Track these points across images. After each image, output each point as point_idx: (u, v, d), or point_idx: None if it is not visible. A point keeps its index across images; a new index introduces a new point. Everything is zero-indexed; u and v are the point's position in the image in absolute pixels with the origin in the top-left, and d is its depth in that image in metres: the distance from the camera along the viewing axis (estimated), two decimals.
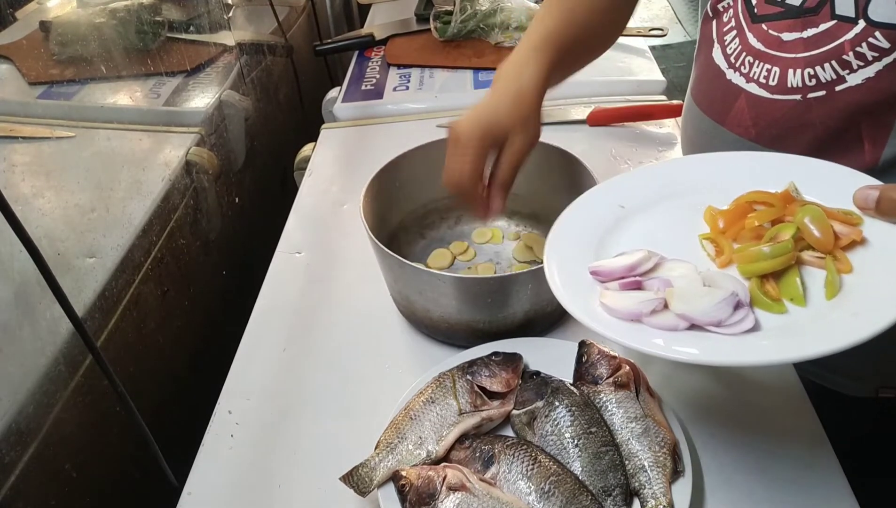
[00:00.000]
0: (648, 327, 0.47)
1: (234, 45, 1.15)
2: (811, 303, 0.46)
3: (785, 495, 0.55)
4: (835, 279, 0.46)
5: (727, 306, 0.46)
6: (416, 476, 0.53)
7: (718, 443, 0.59)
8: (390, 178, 0.76)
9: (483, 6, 1.25)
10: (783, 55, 0.61)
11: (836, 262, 0.47)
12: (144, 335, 0.80)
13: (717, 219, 0.53)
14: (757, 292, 0.47)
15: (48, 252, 0.53)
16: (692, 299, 0.47)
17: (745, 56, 0.64)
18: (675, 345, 0.45)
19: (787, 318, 0.46)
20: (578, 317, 0.48)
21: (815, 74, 0.59)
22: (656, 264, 0.52)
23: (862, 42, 0.56)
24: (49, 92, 0.76)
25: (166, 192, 0.88)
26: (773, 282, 0.48)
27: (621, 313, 0.48)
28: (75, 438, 0.66)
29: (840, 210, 0.49)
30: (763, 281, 0.48)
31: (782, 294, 0.47)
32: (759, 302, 0.47)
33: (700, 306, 0.46)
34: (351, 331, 0.75)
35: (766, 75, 0.62)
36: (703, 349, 0.45)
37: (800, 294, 0.46)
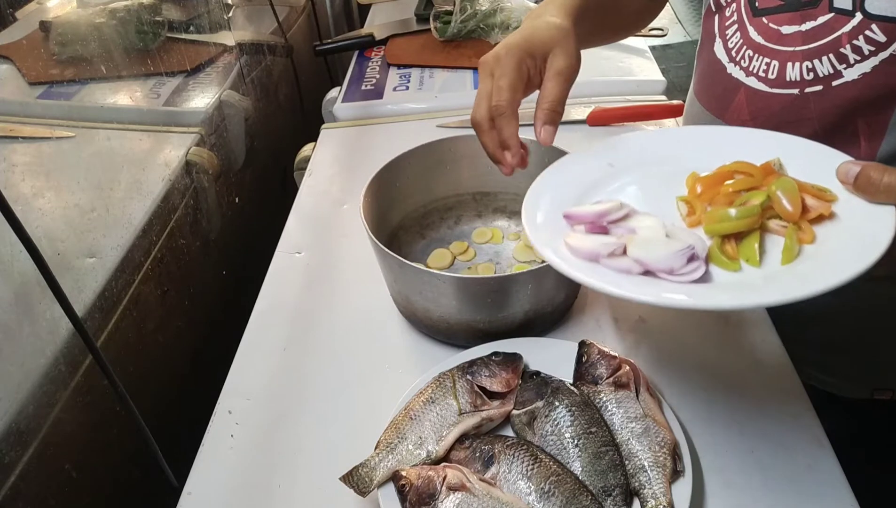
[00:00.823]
0: (604, 268, 0.49)
1: (234, 45, 1.15)
2: (766, 265, 0.48)
3: (785, 495, 0.55)
4: (792, 246, 0.48)
5: (682, 257, 0.48)
6: (416, 476, 0.53)
7: (718, 443, 0.59)
8: (390, 178, 0.76)
9: (483, 6, 1.25)
10: (782, 49, 0.61)
11: (799, 232, 0.49)
12: (144, 335, 0.80)
13: (697, 183, 0.55)
14: (715, 250, 0.49)
15: (48, 252, 0.53)
16: (650, 247, 0.49)
17: (745, 50, 0.64)
18: (619, 283, 0.47)
19: (739, 276, 0.48)
20: (539, 249, 0.51)
21: (812, 67, 0.59)
22: (626, 214, 0.53)
23: (859, 35, 0.56)
24: (49, 92, 0.76)
25: (166, 192, 0.88)
26: (735, 243, 0.50)
27: (581, 253, 0.50)
28: (75, 438, 0.66)
29: (815, 186, 0.50)
30: (724, 241, 0.50)
31: (740, 254, 0.49)
32: (716, 259, 0.49)
33: (656, 253, 0.48)
34: (351, 331, 0.75)
35: (766, 69, 0.63)
36: (644, 290, 0.47)
37: (755, 256, 0.48)
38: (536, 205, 0.57)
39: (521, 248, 0.80)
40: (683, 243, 0.49)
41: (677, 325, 0.71)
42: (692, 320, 0.71)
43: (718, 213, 0.51)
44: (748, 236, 0.50)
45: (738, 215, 0.50)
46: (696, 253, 0.48)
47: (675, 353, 0.68)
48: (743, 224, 0.50)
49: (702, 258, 0.49)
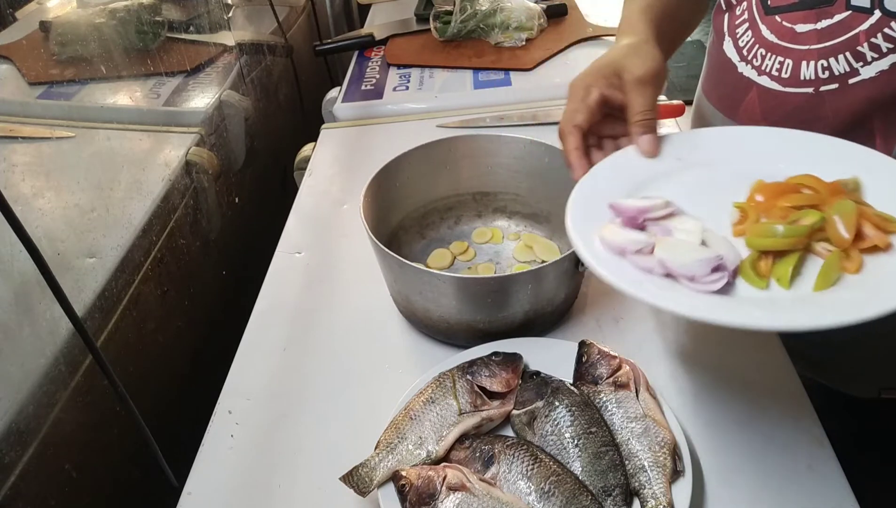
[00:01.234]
0: (628, 263, 0.49)
1: (234, 45, 1.14)
2: (796, 288, 0.46)
3: (785, 495, 0.55)
4: (830, 273, 0.45)
5: (706, 266, 0.46)
6: (416, 476, 0.53)
7: (718, 443, 0.59)
8: (390, 178, 0.76)
9: (483, 6, 1.25)
10: (796, 47, 0.60)
11: (845, 260, 0.46)
12: (144, 335, 0.80)
13: (759, 192, 0.53)
14: (746, 264, 0.47)
15: (48, 252, 0.53)
16: (678, 251, 0.48)
17: (757, 48, 0.64)
18: (634, 281, 0.47)
19: (764, 294, 0.46)
20: (568, 229, 0.51)
21: (828, 66, 0.59)
22: (670, 213, 0.52)
23: (877, 33, 0.55)
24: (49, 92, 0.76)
25: (166, 192, 0.88)
26: (771, 261, 0.48)
27: (609, 245, 0.50)
28: (75, 438, 0.66)
29: (882, 215, 0.48)
30: (762, 256, 0.48)
31: (773, 273, 0.47)
32: (745, 273, 0.47)
33: (682, 258, 0.47)
34: (351, 331, 0.75)
35: (779, 68, 0.62)
36: (657, 293, 0.46)
37: (787, 276, 0.46)
38: (590, 187, 0.56)
39: (521, 248, 0.80)
40: (712, 253, 0.47)
41: (677, 325, 0.71)
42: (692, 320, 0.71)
43: (764, 227, 0.49)
44: (788, 255, 0.47)
45: (783, 233, 0.48)
46: (724, 264, 0.47)
47: (675, 353, 0.68)
48: (785, 243, 0.47)
49: (729, 270, 0.47)
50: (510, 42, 1.24)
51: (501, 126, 1.05)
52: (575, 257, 0.65)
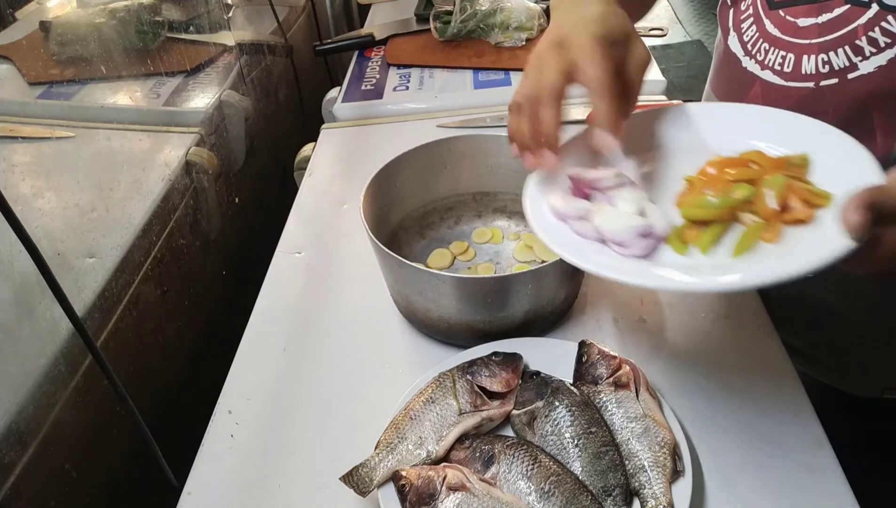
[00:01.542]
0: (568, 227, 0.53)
1: (234, 45, 1.15)
2: (715, 255, 0.49)
3: (785, 495, 0.55)
4: (746, 241, 0.48)
5: (634, 232, 0.50)
6: (416, 476, 0.53)
7: (718, 443, 0.59)
8: (390, 178, 0.76)
9: (483, 6, 1.25)
10: (798, 41, 0.61)
11: (767, 230, 0.49)
12: (144, 335, 0.80)
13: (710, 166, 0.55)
14: (674, 233, 0.51)
15: (48, 252, 0.53)
16: (612, 219, 0.51)
17: (761, 43, 0.64)
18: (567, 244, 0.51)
19: (685, 260, 0.49)
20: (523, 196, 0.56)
21: (828, 60, 0.59)
22: (619, 184, 0.54)
23: (875, 27, 0.56)
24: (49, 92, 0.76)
25: (166, 192, 0.88)
26: (700, 229, 0.51)
27: (554, 210, 0.54)
28: (75, 438, 0.66)
29: (813, 190, 0.50)
30: (692, 226, 0.51)
31: (697, 240, 0.50)
32: (672, 240, 0.51)
33: (613, 225, 0.51)
34: (351, 331, 0.75)
35: (781, 62, 0.63)
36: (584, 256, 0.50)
37: (707, 244, 0.49)
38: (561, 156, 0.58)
39: (521, 248, 0.80)
40: (643, 221, 0.50)
41: (677, 325, 0.71)
42: (692, 320, 0.72)
43: (698, 198, 0.52)
44: (716, 224, 0.50)
45: (713, 204, 0.51)
46: (653, 231, 0.50)
47: (675, 353, 0.68)
48: (713, 213, 0.50)
49: (658, 237, 0.50)
50: (510, 42, 1.24)
51: (501, 126, 1.05)
52: None
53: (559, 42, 0.50)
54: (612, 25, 0.50)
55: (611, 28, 0.50)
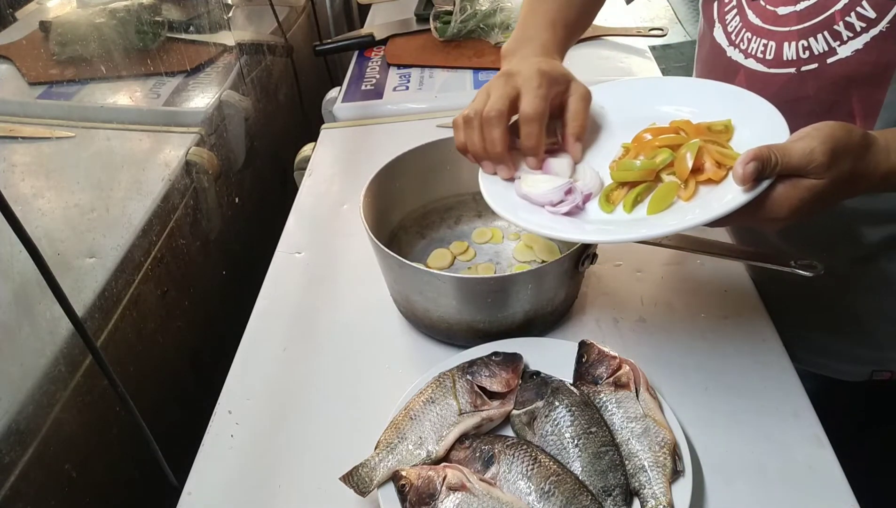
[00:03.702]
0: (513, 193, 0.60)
1: (234, 45, 1.15)
2: (636, 211, 0.55)
3: (785, 495, 0.55)
4: (661, 199, 0.54)
5: (559, 192, 0.57)
6: (416, 476, 0.53)
7: (718, 443, 0.59)
8: (390, 178, 0.76)
9: (483, 6, 1.25)
10: (779, 29, 0.63)
11: (682, 189, 0.54)
12: (144, 335, 0.80)
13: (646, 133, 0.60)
14: (602, 193, 0.57)
15: (48, 252, 0.53)
16: (536, 184, 0.58)
17: (744, 32, 0.67)
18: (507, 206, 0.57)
19: (609, 217, 0.56)
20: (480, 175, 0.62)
21: (808, 45, 0.61)
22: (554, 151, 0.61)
23: (850, 11, 0.58)
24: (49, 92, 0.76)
25: (166, 192, 0.88)
26: (626, 190, 0.56)
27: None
28: (75, 438, 0.66)
29: (724, 153, 0.54)
30: (619, 187, 0.57)
31: (623, 200, 0.56)
32: (600, 200, 0.57)
33: (539, 189, 0.57)
34: (351, 331, 0.75)
35: (763, 50, 0.65)
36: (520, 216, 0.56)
37: (630, 202, 0.55)
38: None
39: (521, 248, 0.80)
40: (562, 181, 0.57)
41: (677, 325, 0.71)
42: (692, 320, 0.72)
43: (626, 161, 0.58)
44: (640, 185, 0.56)
45: (637, 167, 0.56)
46: (574, 188, 0.57)
47: (675, 353, 0.68)
48: (637, 175, 0.56)
49: (582, 194, 0.57)
50: None
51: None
52: (575, 256, 0.65)
53: (508, 73, 0.60)
54: (554, 67, 0.61)
55: (554, 68, 0.60)
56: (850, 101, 0.61)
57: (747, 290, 0.74)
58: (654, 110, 0.63)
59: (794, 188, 0.48)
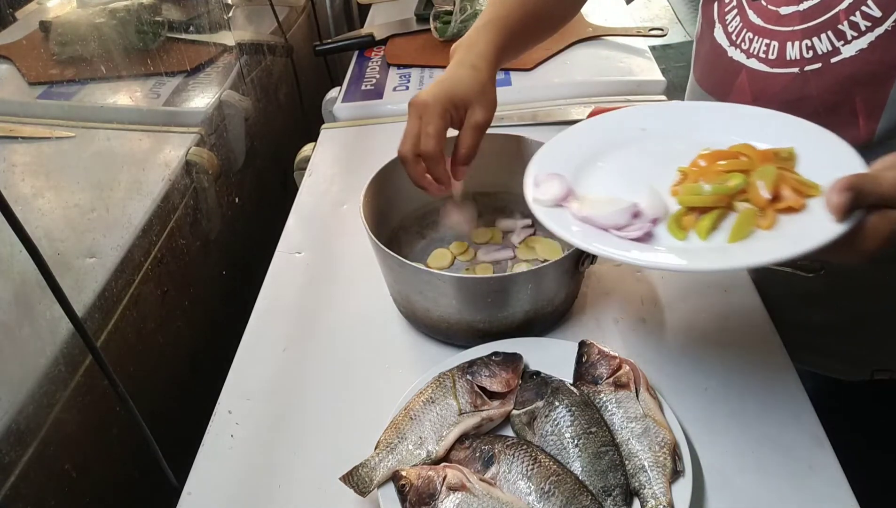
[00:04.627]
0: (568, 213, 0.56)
1: (234, 45, 1.15)
2: (712, 239, 0.51)
3: (785, 495, 0.55)
4: (741, 227, 0.51)
5: (625, 214, 0.53)
6: (416, 476, 0.53)
7: (718, 443, 0.59)
8: (390, 178, 0.76)
9: (483, 6, 1.25)
10: (781, 29, 0.63)
11: (762, 218, 0.51)
12: (144, 335, 0.80)
13: (702, 158, 0.58)
14: (672, 218, 0.53)
15: (48, 252, 0.53)
16: (598, 206, 0.55)
17: (745, 33, 0.66)
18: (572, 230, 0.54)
19: (683, 243, 0.52)
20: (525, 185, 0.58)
21: (812, 45, 0.61)
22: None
23: (855, 11, 0.58)
24: (49, 92, 0.76)
25: (166, 192, 0.88)
26: (697, 216, 0.53)
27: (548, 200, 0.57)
28: (75, 438, 0.66)
29: (801, 180, 0.52)
30: (689, 212, 0.53)
31: (694, 228, 0.53)
32: (670, 226, 0.53)
33: (602, 211, 0.54)
34: (351, 331, 0.75)
35: (766, 50, 0.65)
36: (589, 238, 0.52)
37: (706, 230, 0.52)
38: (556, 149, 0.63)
39: (522, 248, 0.80)
40: (627, 202, 0.53)
41: (677, 325, 0.71)
42: (692, 320, 0.72)
43: (694, 186, 0.55)
44: (712, 211, 0.53)
45: (708, 192, 0.53)
46: (641, 211, 0.53)
47: (675, 353, 0.68)
48: (709, 200, 0.53)
49: (648, 217, 0.53)
50: None
51: (501, 126, 1.05)
52: (575, 256, 0.65)
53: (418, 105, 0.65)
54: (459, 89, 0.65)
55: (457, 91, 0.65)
56: (853, 100, 0.61)
57: (747, 290, 0.74)
58: (702, 135, 0.60)
59: (885, 219, 0.45)
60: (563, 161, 0.61)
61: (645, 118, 0.65)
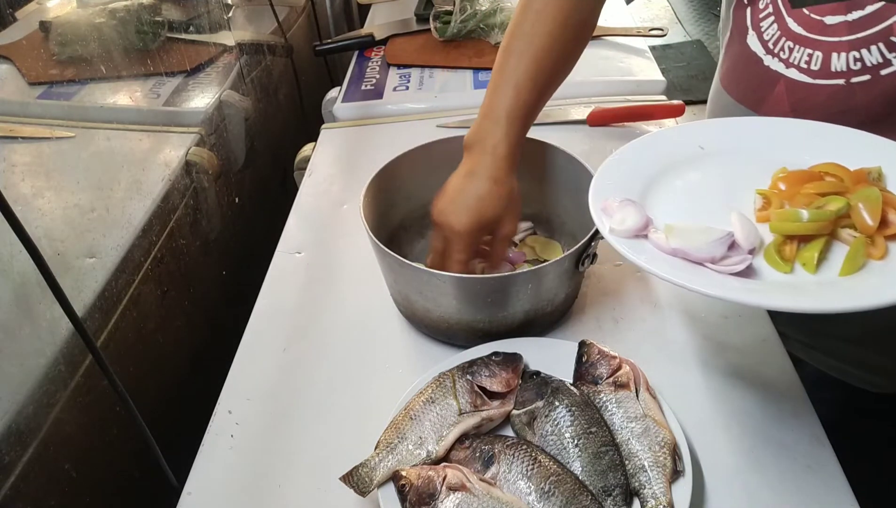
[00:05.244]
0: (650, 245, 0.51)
1: (234, 45, 1.15)
2: (823, 273, 0.46)
3: (785, 495, 0.55)
4: (856, 258, 0.46)
5: (722, 245, 0.48)
6: (416, 476, 0.53)
7: (718, 443, 0.59)
8: (390, 178, 0.76)
9: (483, 6, 1.25)
10: (826, 39, 0.60)
11: (870, 246, 0.46)
12: (144, 335, 0.80)
13: (782, 180, 0.53)
14: (771, 248, 0.48)
15: (48, 252, 0.53)
16: (688, 236, 0.49)
17: (784, 41, 0.64)
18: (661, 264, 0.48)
19: (789, 277, 0.47)
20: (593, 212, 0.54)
21: (860, 57, 0.59)
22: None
23: None
24: (49, 92, 0.76)
25: (166, 192, 0.88)
26: (796, 245, 0.48)
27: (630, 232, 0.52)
28: (75, 438, 0.66)
29: None
30: (786, 241, 0.48)
31: (798, 257, 0.47)
32: (769, 257, 0.48)
33: (694, 242, 0.48)
34: (351, 331, 0.75)
35: (808, 60, 0.62)
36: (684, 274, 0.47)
37: (813, 261, 0.46)
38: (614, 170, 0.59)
39: (522, 248, 0.80)
40: (720, 231, 0.48)
41: (677, 325, 0.71)
42: (692, 320, 0.71)
43: (789, 212, 0.49)
44: (813, 240, 0.48)
45: (809, 218, 0.48)
46: (738, 241, 0.48)
47: (675, 353, 0.68)
48: (811, 228, 0.48)
49: (744, 249, 0.48)
50: None
51: None
52: (575, 256, 0.65)
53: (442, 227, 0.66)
54: (486, 209, 0.66)
55: (482, 219, 0.65)
56: None
57: None
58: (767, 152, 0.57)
59: None
60: (626, 184, 0.57)
61: (701, 134, 0.61)
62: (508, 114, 0.67)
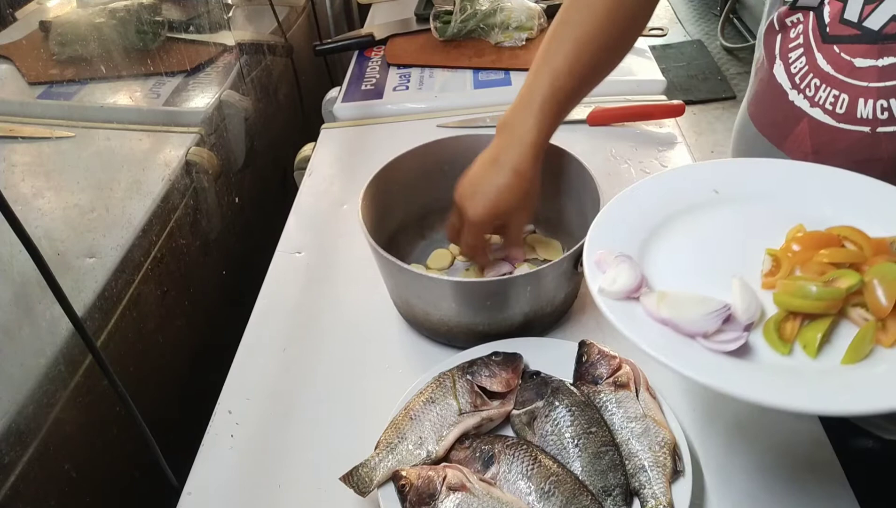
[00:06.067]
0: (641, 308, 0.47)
1: (234, 45, 1.14)
2: (823, 358, 0.42)
3: (785, 495, 0.55)
4: (862, 345, 0.41)
5: (716, 319, 0.44)
6: (416, 476, 0.53)
7: (718, 443, 0.59)
8: (390, 178, 0.76)
9: (483, 6, 1.25)
10: (854, 82, 0.57)
11: (882, 332, 0.42)
12: (144, 335, 0.80)
13: (795, 240, 0.49)
14: (771, 325, 0.44)
15: (48, 252, 0.53)
16: (682, 306, 0.45)
17: (811, 78, 0.60)
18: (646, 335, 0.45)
19: (787, 360, 0.43)
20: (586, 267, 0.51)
21: (888, 106, 0.55)
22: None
23: None
24: (49, 92, 0.76)
25: (166, 192, 0.88)
26: (799, 323, 0.44)
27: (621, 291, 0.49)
28: (75, 438, 0.66)
29: None
30: (789, 317, 0.44)
31: (799, 338, 0.43)
32: (768, 334, 0.44)
33: (687, 314, 0.45)
34: (351, 331, 0.75)
35: (833, 102, 0.58)
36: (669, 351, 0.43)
37: (814, 345, 0.42)
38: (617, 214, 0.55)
39: None
40: (717, 303, 0.44)
41: None
42: None
43: (796, 285, 0.45)
44: (819, 319, 0.43)
45: (817, 296, 0.43)
46: (736, 315, 0.44)
47: None
48: (818, 306, 0.43)
49: (742, 324, 0.44)
50: (510, 42, 1.24)
51: None
52: (574, 257, 0.65)
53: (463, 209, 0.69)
54: (502, 202, 0.67)
55: (498, 210, 0.67)
56: None
57: None
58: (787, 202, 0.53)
59: None
60: (626, 234, 0.53)
61: (716, 177, 0.57)
62: (543, 100, 0.65)
